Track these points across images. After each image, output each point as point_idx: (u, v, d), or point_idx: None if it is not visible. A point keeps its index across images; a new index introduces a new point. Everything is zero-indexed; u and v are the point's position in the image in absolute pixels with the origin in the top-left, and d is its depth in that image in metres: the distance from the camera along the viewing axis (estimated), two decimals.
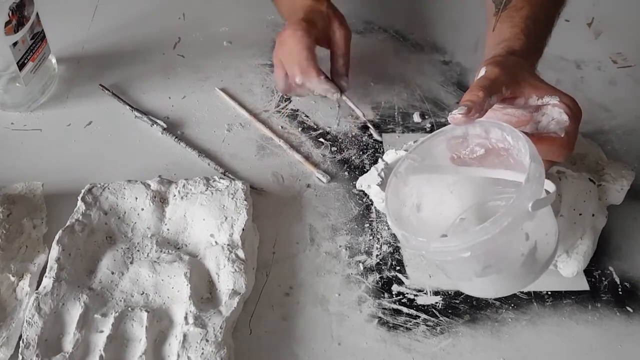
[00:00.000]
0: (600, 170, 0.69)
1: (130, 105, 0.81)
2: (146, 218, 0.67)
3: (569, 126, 0.58)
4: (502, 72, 0.58)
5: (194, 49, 0.89)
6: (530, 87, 0.59)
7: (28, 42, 0.75)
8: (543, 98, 0.59)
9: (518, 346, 0.61)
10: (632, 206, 0.71)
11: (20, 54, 0.75)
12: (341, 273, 0.66)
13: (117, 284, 0.62)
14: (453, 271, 0.58)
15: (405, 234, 0.55)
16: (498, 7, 0.67)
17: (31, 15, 0.74)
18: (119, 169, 0.74)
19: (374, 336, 0.62)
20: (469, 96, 0.56)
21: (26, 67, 0.76)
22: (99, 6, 0.95)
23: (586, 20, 0.96)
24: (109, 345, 0.58)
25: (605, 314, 0.64)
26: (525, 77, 0.60)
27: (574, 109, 0.59)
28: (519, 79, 0.59)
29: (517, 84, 0.59)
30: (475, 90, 0.56)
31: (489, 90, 0.56)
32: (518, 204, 0.51)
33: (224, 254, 0.63)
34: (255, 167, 0.75)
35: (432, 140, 0.60)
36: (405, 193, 0.60)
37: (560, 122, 0.58)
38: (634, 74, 0.89)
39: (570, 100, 0.59)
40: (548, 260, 0.57)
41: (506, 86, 0.58)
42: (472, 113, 0.55)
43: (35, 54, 0.77)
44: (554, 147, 0.57)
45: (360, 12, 0.96)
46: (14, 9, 0.71)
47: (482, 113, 0.56)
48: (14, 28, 0.72)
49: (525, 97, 0.59)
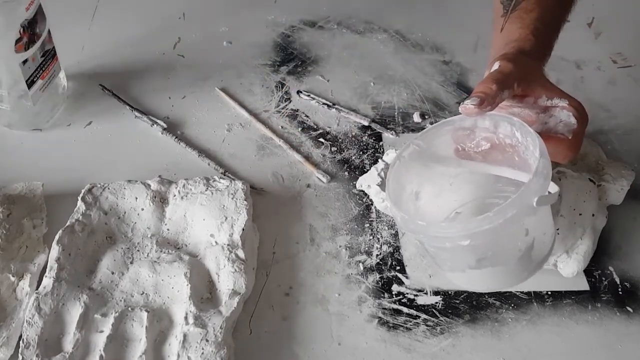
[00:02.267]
0: (600, 170, 0.69)
1: (130, 105, 0.81)
2: (146, 218, 0.67)
3: (577, 129, 0.58)
4: (515, 68, 0.58)
5: (194, 49, 0.90)
6: (541, 88, 0.60)
7: (38, 59, 0.73)
8: (553, 99, 0.59)
9: (518, 346, 0.61)
10: (632, 206, 0.71)
11: (30, 71, 0.72)
12: (341, 273, 0.66)
13: (117, 284, 0.62)
14: (447, 260, 0.58)
15: (404, 217, 0.55)
16: (507, 8, 0.67)
17: (43, 32, 0.72)
18: (119, 169, 0.74)
19: (374, 336, 0.62)
20: (482, 88, 0.56)
21: (35, 85, 0.74)
22: (99, 6, 0.95)
23: (586, 20, 0.96)
24: (109, 345, 0.58)
25: (605, 314, 0.64)
26: (537, 77, 0.60)
27: (582, 112, 0.59)
28: (530, 77, 0.59)
29: (528, 83, 0.59)
30: (489, 82, 0.56)
31: (502, 84, 0.57)
32: (524, 197, 0.51)
33: (224, 254, 0.63)
34: (255, 167, 0.75)
35: (439, 129, 0.60)
36: (406, 179, 0.60)
37: (569, 124, 0.58)
38: (634, 74, 0.89)
39: (578, 105, 0.60)
40: (542, 260, 0.58)
41: (518, 83, 0.58)
42: (485, 105, 0.55)
43: (45, 72, 0.75)
44: (560, 149, 0.57)
45: (360, 12, 0.96)
46: (25, 26, 0.69)
47: (494, 106, 0.56)
48: (24, 45, 0.70)
49: (535, 97, 0.60)
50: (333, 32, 0.93)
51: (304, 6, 0.96)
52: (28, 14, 0.69)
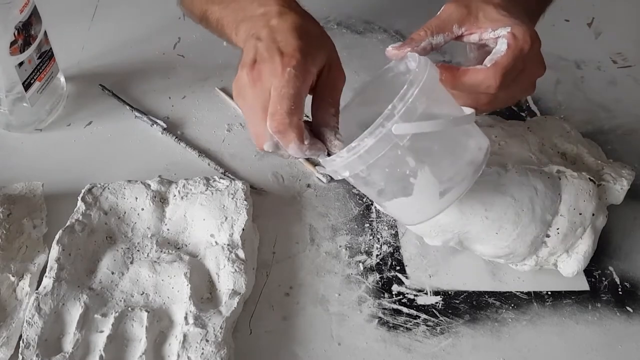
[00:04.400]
0: (600, 170, 0.69)
1: (130, 105, 0.81)
2: (146, 218, 0.67)
3: (502, 56, 0.55)
4: (457, 9, 0.58)
5: (194, 49, 0.89)
6: (489, 22, 0.58)
7: (35, 61, 0.73)
8: (496, 30, 0.57)
9: (518, 346, 0.62)
10: (632, 206, 0.71)
11: (27, 74, 0.72)
12: (341, 273, 0.66)
13: (117, 284, 0.62)
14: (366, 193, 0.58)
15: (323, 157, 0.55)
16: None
17: (38, 33, 0.72)
18: (119, 169, 0.74)
19: (374, 336, 0.62)
20: (412, 34, 0.58)
21: (32, 87, 0.74)
22: (99, 6, 0.95)
23: (586, 20, 0.96)
24: (109, 345, 0.58)
25: (605, 314, 0.64)
26: (488, 12, 0.58)
27: (520, 39, 0.55)
28: (480, 14, 0.58)
29: (475, 20, 0.58)
30: (420, 29, 0.58)
31: (434, 29, 0.57)
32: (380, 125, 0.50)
33: (224, 254, 0.63)
34: (255, 167, 0.75)
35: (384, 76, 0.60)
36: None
37: (496, 52, 0.56)
38: (634, 74, 0.89)
39: (521, 31, 0.56)
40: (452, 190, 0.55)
41: (459, 23, 0.58)
42: (404, 47, 0.56)
43: (42, 74, 0.75)
44: (479, 79, 0.55)
45: (360, 12, 0.96)
46: (20, 28, 0.68)
47: (420, 50, 0.57)
48: (19, 48, 0.69)
49: (481, 32, 0.58)
50: (333, 32, 0.93)
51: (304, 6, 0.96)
52: (22, 16, 0.69)
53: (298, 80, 0.50)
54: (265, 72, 0.51)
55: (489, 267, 0.67)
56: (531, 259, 0.64)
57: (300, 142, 0.51)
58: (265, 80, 0.51)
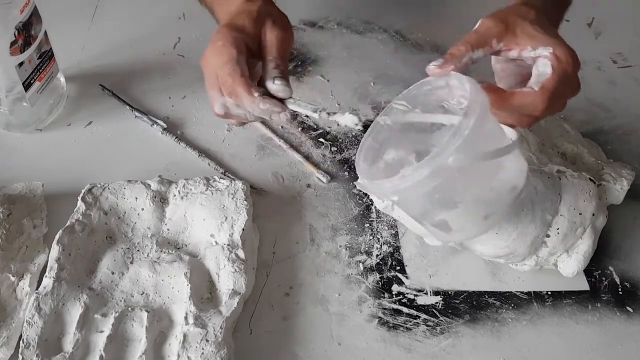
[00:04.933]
0: (600, 170, 0.69)
1: (130, 105, 0.81)
2: (146, 218, 0.67)
3: (547, 80, 0.55)
4: (495, 24, 0.58)
5: (194, 49, 0.89)
6: (527, 38, 0.57)
7: (35, 61, 0.73)
8: (537, 49, 0.57)
9: (518, 346, 0.62)
10: (632, 206, 0.71)
11: (27, 74, 0.72)
12: (341, 273, 0.66)
13: (117, 284, 0.62)
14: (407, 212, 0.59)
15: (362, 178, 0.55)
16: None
17: (38, 34, 0.72)
18: (119, 169, 0.74)
19: (374, 336, 0.62)
20: (452, 49, 0.57)
21: (32, 87, 0.74)
22: (99, 6, 0.95)
23: (586, 20, 0.96)
24: (109, 345, 0.58)
25: (605, 314, 0.64)
26: (525, 28, 0.57)
27: (564, 61, 0.55)
28: (517, 30, 0.57)
29: (513, 36, 0.57)
30: (459, 44, 0.57)
31: (474, 44, 0.56)
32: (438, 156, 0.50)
33: (224, 254, 0.63)
34: (255, 167, 0.75)
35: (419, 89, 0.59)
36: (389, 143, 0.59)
37: (542, 74, 0.55)
38: (634, 74, 0.89)
39: (563, 52, 0.56)
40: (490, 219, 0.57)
41: (497, 39, 0.57)
42: (447, 65, 0.55)
43: (42, 74, 0.75)
44: (527, 102, 0.55)
45: (360, 12, 0.96)
46: (20, 28, 0.68)
47: (462, 66, 0.56)
48: (20, 48, 0.69)
49: (520, 49, 0.58)
50: (333, 32, 0.93)
51: (304, 6, 0.96)
52: (22, 16, 0.69)
53: (226, 49, 0.59)
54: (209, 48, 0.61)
55: (489, 267, 0.67)
56: (531, 259, 0.64)
57: (249, 94, 0.58)
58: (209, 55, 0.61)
